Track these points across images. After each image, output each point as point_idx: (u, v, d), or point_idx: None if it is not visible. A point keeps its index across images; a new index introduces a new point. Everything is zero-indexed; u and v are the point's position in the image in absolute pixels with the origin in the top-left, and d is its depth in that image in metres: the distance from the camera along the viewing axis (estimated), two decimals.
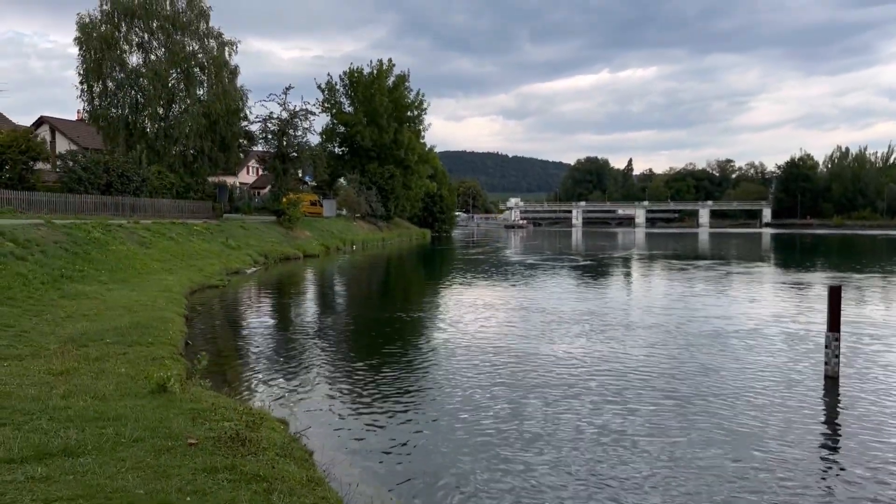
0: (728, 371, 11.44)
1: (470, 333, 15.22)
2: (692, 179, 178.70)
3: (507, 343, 14.05)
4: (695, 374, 11.29)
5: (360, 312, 19.96)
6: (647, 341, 14.09)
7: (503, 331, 15.63)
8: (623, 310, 18.96)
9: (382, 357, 12.78)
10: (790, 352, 13.04)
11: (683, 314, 17.88)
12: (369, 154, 65.68)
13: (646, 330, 15.47)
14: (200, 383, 8.65)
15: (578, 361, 12.18)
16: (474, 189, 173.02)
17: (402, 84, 68.14)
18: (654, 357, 12.58)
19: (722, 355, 12.73)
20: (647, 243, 68.80)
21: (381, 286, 29.23)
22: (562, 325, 16.23)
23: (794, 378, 10.95)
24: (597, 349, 13.25)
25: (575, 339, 14.32)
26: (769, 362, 12.09)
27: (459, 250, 55.17)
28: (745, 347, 13.52)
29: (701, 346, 13.58)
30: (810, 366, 11.69)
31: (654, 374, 11.23)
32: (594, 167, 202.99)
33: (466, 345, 13.90)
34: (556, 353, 12.89)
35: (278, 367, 11.82)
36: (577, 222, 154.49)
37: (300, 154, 47.11)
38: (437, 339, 14.63)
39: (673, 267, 35.82)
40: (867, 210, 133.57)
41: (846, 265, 37.02)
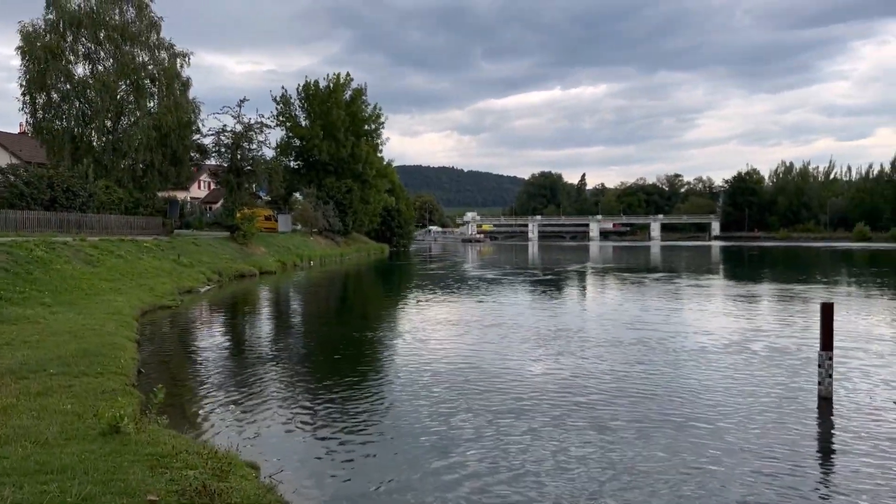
0: (713, 391, 11.12)
1: (436, 352, 14.69)
2: (643, 194, 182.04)
3: (476, 362, 13.54)
4: (676, 392, 10.93)
5: (322, 332, 19.17)
6: (627, 358, 13.72)
7: (471, 349, 15.12)
8: (590, 325, 18.63)
9: (348, 382, 12.10)
10: (774, 369, 12.82)
11: (658, 329, 17.63)
12: (326, 168, 64.68)
13: (624, 347, 15.12)
14: (157, 420, 7.82)
15: (549, 379, 11.73)
16: (430, 203, 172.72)
17: (360, 98, 67.53)
18: (636, 376, 12.20)
19: (701, 373, 12.44)
20: (601, 256, 69.62)
21: (341, 304, 28.40)
22: (532, 341, 15.78)
23: (786, 398, 10.65)
24: (567, 366, 12.84)
25: (543, 356, 13.88)
26: (756, 381, 11.84)
27: (418, 265, 54.58)
28: (729, 364, 13.27)
29: (677, 364, 13.27)
30: (795, 383, 11.49)
31: (636, 395, 10.83)
32: (548, 182, 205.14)
33: (432, 364, 13.39)
34: (534, 374, 12.40)
35: (241, 397, 11.00)
36: (532, 236, 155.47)
37: (255, 168, 45.90)
38: (402, 360, 14.05)
39: (632, 280, 35.93)
40: (811, 223, 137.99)
41: (793, 277, 38.19)
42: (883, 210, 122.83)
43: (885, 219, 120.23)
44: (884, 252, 75.82)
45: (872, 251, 78.07)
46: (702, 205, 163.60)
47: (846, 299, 25.87)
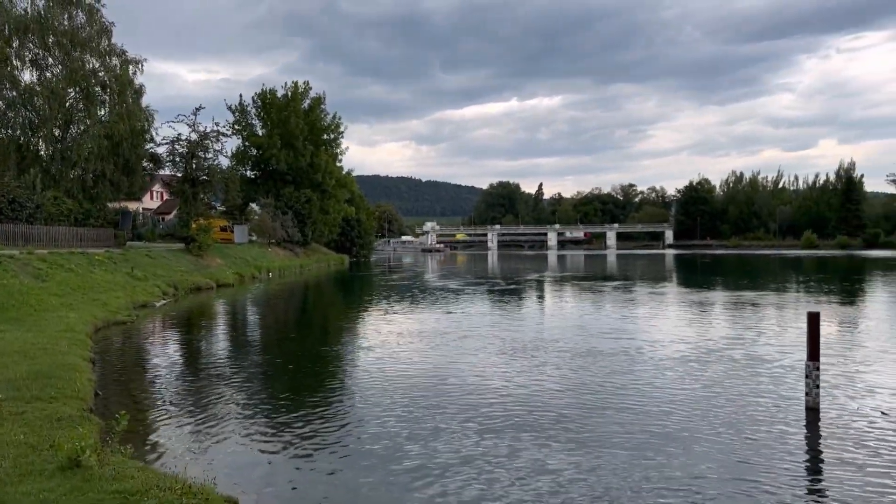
0: (697, 402, 11.01)
1: (403, 367, 14.36)
2: (599, 203, 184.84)
3: (445, 375, 13.26)
4: (659, 404, 10.77)
5: (284, 347, 18.57)
6: (605, 370, 13.55)
7: (439, 362, 14.82)
8: (561, 335, 18.44)
9: (317, 400, 11.67)
10: (755, 378, 12.81)
11: (631, 338, 17.58)
12: (284, 178, 63.66)
13: (601, 357, 14.97)
14: (121, 451, 7.27)
15: (528, 392, 11.49)
16: (390, 213, 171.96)
17: (319, 106, 66.75)
18: (615, 387, 12.02)
19: (684, 384, 12.33)
20: (560, 265, 70.22)
21: (302, 317, 27.73)
22: (506, 354, 15.51)
23: (773, 409, 10.57)
24: (544, 378, 12.61)
25: (519, 369, 13.62)
26: (739, 391, 11.77)
27: (380, 276, 54.02)
28: (710, 374, 13.21)
29: (657, 374, 13.15)
30: (779, 393, 11.47)
31: (618, 407, 10.64)
32: (506, 191, 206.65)
33: (401, 380, 13.07)
34: (512, 388, 12.11)
35: (208, 420, 10.43)
36: (492, 245, 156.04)
37: (211, 177, 44.78)
38: (370, 376, 13.65)
39: (594, 289, 36.12)
40: (761, 231, 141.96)
41: (749, 284, 39.17)
42: (829, 218, 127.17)
43: (832, 227, 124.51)
44: (830, 259, 78.40)
45: (820, 258, 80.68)
46: (655, 214, 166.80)
47: (805, 306, 26.42)
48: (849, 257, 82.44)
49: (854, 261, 72.78)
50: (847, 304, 27.94)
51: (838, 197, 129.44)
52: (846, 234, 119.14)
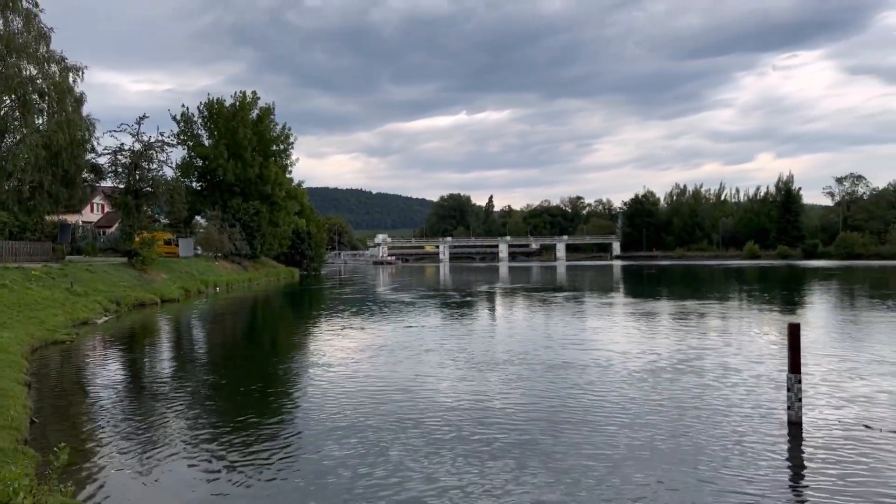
0: (674, 416, 10.85)
1: (358, 383, 13.97)
2: (548, 216, 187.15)
3: (397, 392, 12.95)
4: (635, 418, 10.58)
5: (233, 365, 17.85)
6: (574, 383, 13.33)
7: (389, 378, 14.45)
8: (521, 348, 18.21)
9: (266, 420, 11.22)
10: (729, 390, 12.76)
11: (597, 350, 17.45)
12: (232, 189, 62.16)
13: (569, 371, 14.76)
14: (61, 489, 6.63)
15: (491, 409, 11.17)
16: (340, 226, 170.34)
17: (268, 117, 65.51)
18: (586, 402, 11.79)
19: (659, 396, 12.20)
20: (511, 277, 70.67)
21: (251, 333, 26.87)
22: (465, 368, 15.18)
23: (754, 422, 10.43)
24: (508, 393, 12.32)
25: (483, 384, 13.31)
26: (717, 404, 11.68)
27: (331, 289, 53.12)
28: (685, 386, 13.11)
29: (629, 387, 13.00)
30: (756, 405, 11.41)
31: (593, 422, 10.39)
32: (457, 204, 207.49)
33: (351, 395, 12.80)
34: (475, 403, 11.76)
35: (154, 447, 9.76)
36: (444, 257, 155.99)
37: (156, 188, 43.30)
38: (319, 392, 13.30)
39: (550, 301, 36.24)
40: (704, 242, 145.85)
41: (700, 294, 40.36)
42: (770, 229, 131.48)
43: (772, 237, 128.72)
44: (772, 269, 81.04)
45: (762, 268, 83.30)
46: (603, 226, 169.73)
47: (754, 315, 26.98)
48: (789, 267, 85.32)
49: (795, 271, 75.33)
50: (793, 312, 28.68)
51: (778, 209, 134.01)
52: (786, 245, 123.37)
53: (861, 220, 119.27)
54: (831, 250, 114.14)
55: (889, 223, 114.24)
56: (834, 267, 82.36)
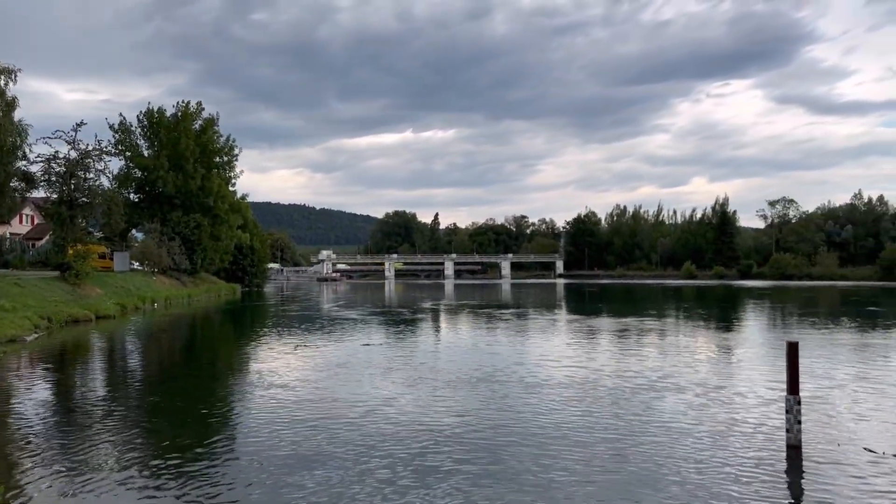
0: (668, 438, 10.59)
1: (295, 402, 13.52)
2: (493, 234, 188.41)
3: (341, 410, 12.66)
4: (621, 439, 10.26)
5: (172, 385, 16.85)
6: (550, 401, 12.99)
7: (332, 396, 14.07)
8: (456, 363, 17.87)
9: (204, 444, 10.56)
10: (715, 408, 12.61)
11: (575, 368, 17.21)
12: (172, 201, 60.08)
13: (539, 389, 14.43)
14: None
15: (458, 431, 10.76)
16: (282, 241, 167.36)
17: (211, 127, 63.70)
18: (564, 419, 11.43)
19: (650, 418, 11.93)
20: (457, 294, 70.65)
21: (190, 352, 25.64)
22: (428, 386, 14.70)
23: (750, 445, 10.13)
24: (473, 413, 11.90)
25: (450, 405, 12.85)
26: (709, 426, 11.48)
27: (274, 307, 51.74)
28: (672, 407, 12.87)
29: (611, 407, 12.68)
30: (750, 427, 11.21)
31: (571, 444, 10.04)
32: (402, 221, 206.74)
33: (292, 416, 12.32)
34: (442, 427, 11.30)
35: (82, 478, 8.91)
36: (389, 274, 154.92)
37: (92, 200, 41.34)
38: (260, 414, 12.67)
39: (499, 317, 36.08)
40: (644, 262, 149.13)
41: (629, 311, 41.50)
42: (706, 250, 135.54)
43: (709, 258, 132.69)
44: (709, 288, 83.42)
45: (699, 288, 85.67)
46: (546, 245, 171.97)
47: (698, 331, 27.41)
48: (725, 287, 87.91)
49: (730, 290, 77.63)
50: (731, 329, 29.34)
51: (714, 230, 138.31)
52: (722, 265, 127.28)
53: (792, 242, 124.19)
54: (765, 271, 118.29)
55: (818, 246, 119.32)
56: (768, 287, 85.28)
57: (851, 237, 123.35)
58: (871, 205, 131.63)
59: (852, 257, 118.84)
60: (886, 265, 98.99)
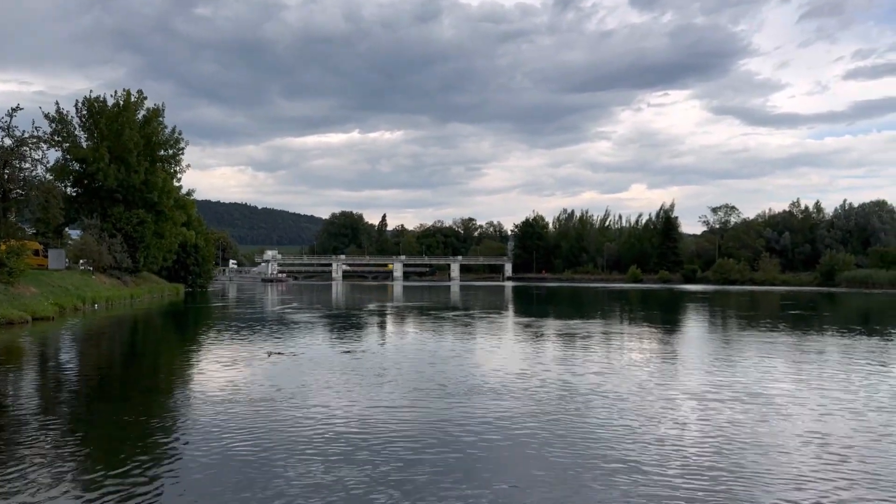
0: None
1: (246, 408, 12.75)
2: (441, 236, 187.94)
3: (284, 413, 12.26)
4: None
5: (115, 394, 15.14)
6: (482, 405, 11.96)
7: (276, 399, 13.46)
8: (415, 362, 16.77)
9: (149, 458, 9.60)
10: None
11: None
12: (114, 196, 56.73)
13: (473, 393, 13.37)
14: None
15: (422, 441, 9.75)
16: (224, 240, 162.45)
17: (156, 118, 60.41)
18: (500, 423, 10.48)
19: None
20: (406, 296, 70.07)
21: (134, 357, 23.56)
22: (393, 392, 13.52)
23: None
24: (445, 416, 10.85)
25: (413, 412, 11.73)
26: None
27: (220, 308, 49.40)
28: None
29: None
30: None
31: (492, 447, 9.07)
32: (349, 221, 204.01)
33: (243, 425, 11.47)
34: (408, 437, 10.20)
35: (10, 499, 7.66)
36: (336, 275, 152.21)
37: (28, 192, 38.33)
38: (206, 422, 11.77)
39: (447, 318, 35.14)
40: (590, 265, 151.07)
41: (575, 313, 42.47)
42: (651, 255, 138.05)
43: (653, 262, 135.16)
44: (653, 292, 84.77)
45: (644, 291, 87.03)
46: (494, 248, 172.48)
47: (645, 334, 27.10)
48: (669, 290, 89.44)
49: (674, 293, 79.05)
50: (673, 331, 29.23)
51: (658, 235, 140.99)
52: (666, 270, 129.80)
53: (733, 248, 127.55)
54: (709, 275, 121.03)
55: (759, 252, 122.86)
56: (710, 291, 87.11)
57: (789, 244, 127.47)
58: (808, 213, 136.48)
59: (790, 263, 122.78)
60: (826, 271, 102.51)
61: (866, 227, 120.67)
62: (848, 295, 75.65)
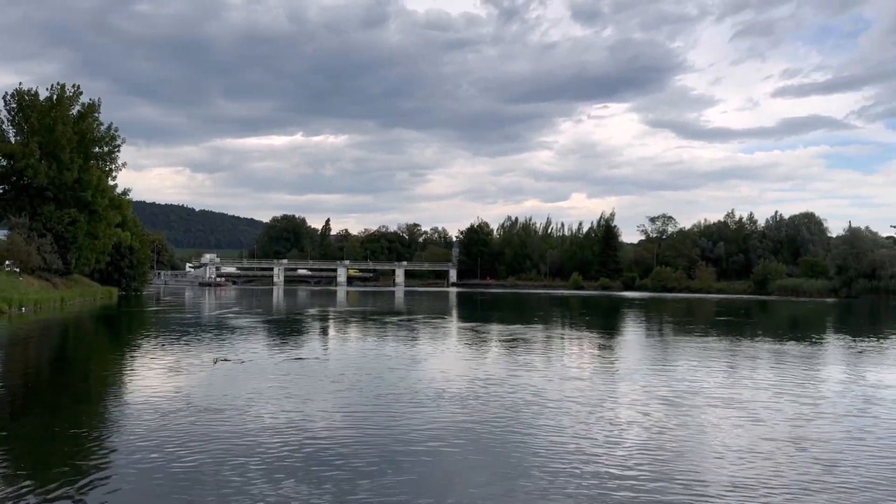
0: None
1: (185, 417, 12.20)
2: (386, 241, 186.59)
3: (218, 420, 11.91)
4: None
5: (42, 403, 14.24)
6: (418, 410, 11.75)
7: (218, 410, 12.87)
8: (362, 371, 16.47)
9: (81, 472, 8.98)
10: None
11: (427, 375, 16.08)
12: (44, 194, 53.95)
13: (411, 398, 13.13)
14: None
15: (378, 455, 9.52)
16: (160, 243, 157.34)
17: (91, 114, 57.75)
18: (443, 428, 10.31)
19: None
20: (349, 301, 70.28)
21: (63, 363, 22.28)
22: (354, 404, 13.14)
23: None
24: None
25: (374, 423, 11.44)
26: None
27: (156, 313, 47.64)
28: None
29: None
30: None
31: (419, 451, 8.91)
32: (291, 225, 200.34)
33: (182, 435, 10.93)
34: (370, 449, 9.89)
35: None
36: (278, 280, 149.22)
37: None
38: (138, 435, 11.07)
39: (391, 323, 34.79)
40: (533, 272, 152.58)
41: (517, 319, 43.44)
42: (592, 262, 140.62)
43: (595, 270, 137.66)
44: (594, 298, 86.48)
45: (584, 298, 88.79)
46: (439, 254, 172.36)
47: (589, 338, 27.44)
48: (609, 297, 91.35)
49: (614, 300, 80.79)
50: (612, 336, 31.03)
51: (600, 243, 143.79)
52: (607, 277, 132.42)
53: (670, 257, 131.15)
54: (647, 283, 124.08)
55: (695, 260, 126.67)
56: (648, 298, 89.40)
57: (724, 253, 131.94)
58: (742, 223, 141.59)
59: (725, 272, 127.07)
60: (759, 280, 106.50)
61: (796, 238, 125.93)
62: (779, 303, 78.81)
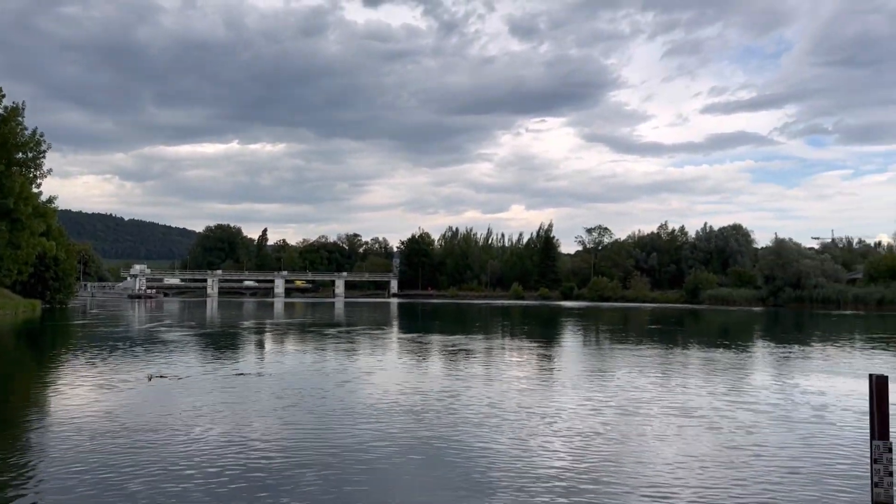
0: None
1: (116, 437, 11.54)
2: (325, 252, 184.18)
3: (147, 438, 11.37)
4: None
5: None
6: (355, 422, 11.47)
7: (147, 427, 12.36)
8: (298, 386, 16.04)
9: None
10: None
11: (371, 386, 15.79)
12: None
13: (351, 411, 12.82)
14: None
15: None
16: (87, 253, 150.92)
17: (15, 118, 54.84)
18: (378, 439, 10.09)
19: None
20: (287, 313, 69.03)
21: None
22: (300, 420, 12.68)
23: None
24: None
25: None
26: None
27: (83, 326, 45.35)
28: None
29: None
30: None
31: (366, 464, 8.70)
32: (226, 235, 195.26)
33: (111, 457, 10.19)
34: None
35: None
36: (212, 292, 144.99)
37: None
38: (62, 455, 10.46)
39: (329, 335, 34.22)
40: (475, 283, 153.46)
41: (461, 329, 43.90)
42: (532, 272, 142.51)
43: (534, 280, 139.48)
44: (534, 308, 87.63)
45: (524, 307, 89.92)
46: (380, 264, 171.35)
47: (529, 348, 27.66)
48: (548, 307, 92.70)
49: (553, 310, 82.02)
50: (552, 345, 32.36)
51: (539, 254, 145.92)
52: (546, 287, 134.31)
53: (606, 267, 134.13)
54: (585, 293, 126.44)
55: (630, 271, 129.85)
56: (585, 307, 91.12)
57: (657, 263, 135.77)
58: (674, 235, 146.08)
59: (658, 282, 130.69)
60: (691, 289, 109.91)
61: (725, 248, 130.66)
62: (710, 312, 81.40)
